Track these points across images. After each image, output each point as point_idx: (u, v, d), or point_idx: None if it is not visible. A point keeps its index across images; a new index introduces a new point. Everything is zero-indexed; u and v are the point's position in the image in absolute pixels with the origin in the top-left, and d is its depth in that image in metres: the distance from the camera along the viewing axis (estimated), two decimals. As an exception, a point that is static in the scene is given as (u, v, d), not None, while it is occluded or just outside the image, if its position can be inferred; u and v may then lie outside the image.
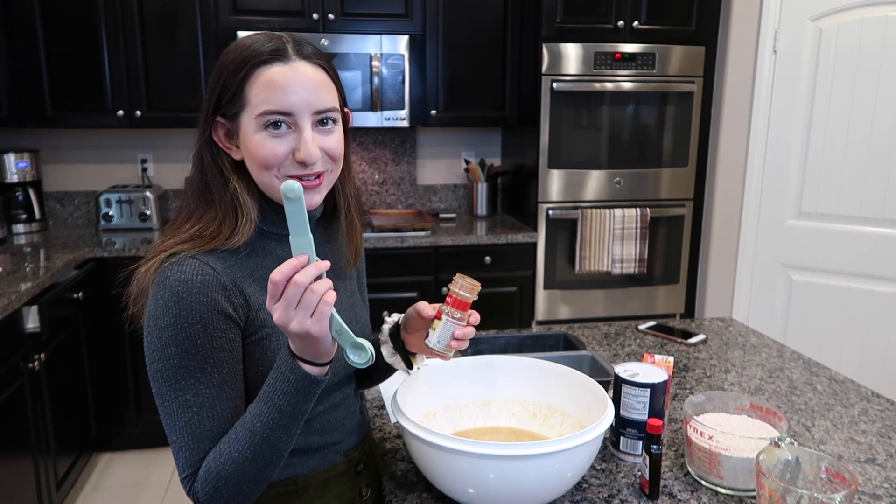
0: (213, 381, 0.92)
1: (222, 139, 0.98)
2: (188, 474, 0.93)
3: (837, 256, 2.94)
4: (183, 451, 0.92)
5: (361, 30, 3.14)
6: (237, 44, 0.98)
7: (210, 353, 0.92)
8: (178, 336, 0.90)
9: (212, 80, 0.97)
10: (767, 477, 0.94)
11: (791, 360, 1.69)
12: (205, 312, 0.91)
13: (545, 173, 3.16)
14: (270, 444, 0.91)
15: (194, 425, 0.92)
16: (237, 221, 0.96)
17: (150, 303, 0.93)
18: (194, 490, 0.93)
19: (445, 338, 1.02)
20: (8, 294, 2.15)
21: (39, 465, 2.31)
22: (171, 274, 0.92)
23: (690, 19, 3.14)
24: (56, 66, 2.95)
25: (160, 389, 0.93)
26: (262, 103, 0.92)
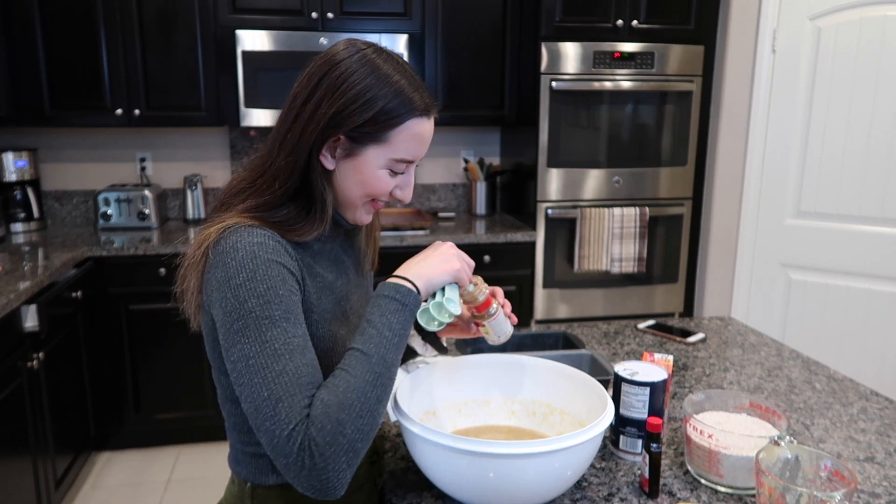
0: (299, 332, 0.91)
1: (327, 147, 0.98)
2: (296, 424, 0.85)
3: (836, 255, 2.94)
4: (283, 401, 0.85)
5: (360, 29, 3.14)
6: (384, 70, 0.96)
7: (291, 305, 0.92)
8: (258, 288, 0.90)
9: (349, 96, 0.94)
10: (767, 475, 0.94)
11: (790, 359, 1.69)
12: (282, 269, 0.93)
13: (544, 172, 3.16)
14: (386, 365, 0.91)
15: (291, 372, 0.87)
16: (315, 224, 1.00)
17: (218, 270, 0.92)
18: (309, 437, 0.85)
19: (501, 330, 1.14)
20: (6, 293, 2.14)
21: (38, 464, 2.31)
22: (241, 238, 0.93)
23: (689, 18, 3.14)
24: (55, 65, 2.95)
25: (242, 349, 0.88)
26: (405, 151, 0.99)
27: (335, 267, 1.09)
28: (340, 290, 1.08)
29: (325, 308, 1.03)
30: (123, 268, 2.87)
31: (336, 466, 0.85)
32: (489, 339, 1.14)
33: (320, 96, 0.95)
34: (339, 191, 1.02)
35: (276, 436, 0.85)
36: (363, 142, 0.97)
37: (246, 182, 1.02)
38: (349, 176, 1.00)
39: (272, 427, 0.85)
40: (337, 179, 1.01)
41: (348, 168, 1.00)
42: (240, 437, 1.05)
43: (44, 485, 2.34)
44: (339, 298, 1.07)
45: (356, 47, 0.99)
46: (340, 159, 0.99)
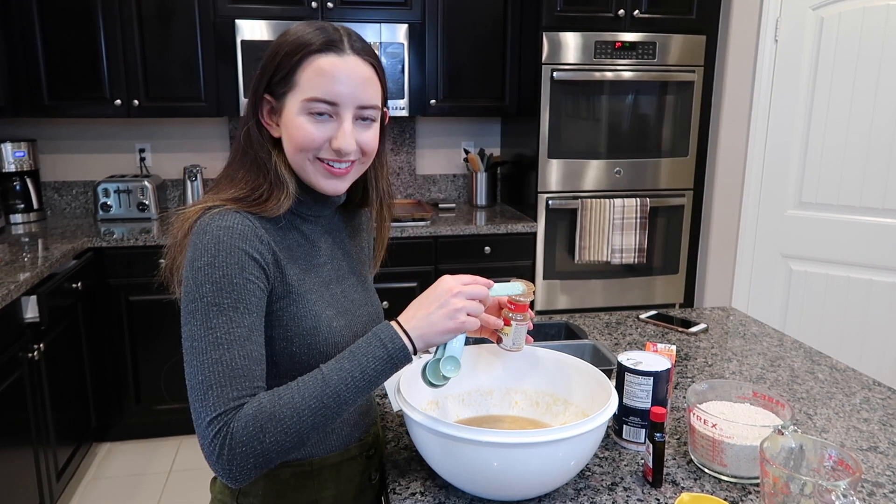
0: (245, 322, 0.93)
1: (265, 116, 1.02)
2: (220, 413, 0.89)
3: (837, 246, 2.94)
4: (213, 389, 0.89)
5: (360, 18, 3.12)
6: (296, 28, 1.01)
7: (244, 294, 0.94)
8: (215, 274, 0.92)
9: (266, 59, 1.01)
10: (771, 464, 0.94)
11: (792, 349, 1.69)
12: (242, 256, 0.95)
13: (545, 163, 3.15)
14: (338, 402, 0.92)
15: (226, 363, 0.90)
16: (280, 194, 1.01)
17: (190, 249, 0.96)
18: (230, 429, 0.88)
19: (520, 339, 1.13)
20: (7, 284, 2.14)
21: (39, 456, 2.31)
22: (212, 221, 0.96)
23: (691, 8, 3.13)
24: (53, 55, 2.93)
25: (190, 330, 0.92)
26: (311, 89, 0.98)
27: (327, 250, 1.11)
28: (329, 273, 1.09)
29: (309, 288, 1.04)
30: (123, 259, 2.86)
31: (242, 465, 0.89)
32: (505, 341, 1.14)
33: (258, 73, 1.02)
34: (288, 156, 1.03)
35: (201, 419, 0.90)
36: (282, 93, 1.00)
37: (227, 160, 1.07)
38: (284, 136, 1.02)
39: (199, 409, 0.90)
40: (284, 144, 1.03)
41: (283, 129, 1.02)
42: None
43: (45, 476, 2.34)
44: (328, 281, 1.09)
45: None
46: (278, 123, 1.02)
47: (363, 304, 1.15)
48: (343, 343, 1.06)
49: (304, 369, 1.03)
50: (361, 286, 1.17)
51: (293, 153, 1.01)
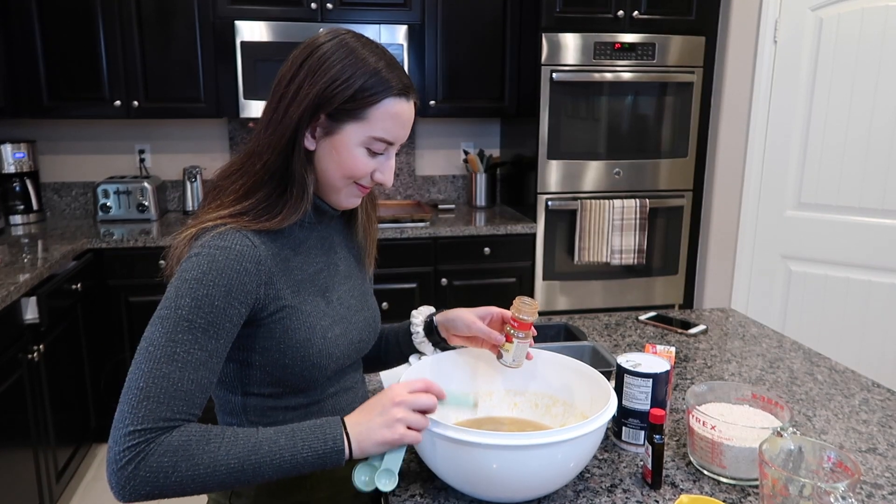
0: (208, 347, 0.92)
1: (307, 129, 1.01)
2: (144, 428, 0.86)
3: (836, 247, 2.94)
4: (149, 401, 0.86)
5: (359, 19, 3.12)
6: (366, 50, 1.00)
7: (220, 319, 0.93)
8: (199, 291, 0.92)
9: (331, 75, 0.98)
10: (771, 466, 0.94)
11: (791, 351, 1.69)
12: (233, 280, 0.94)
13: (544, 164, 3.15)
14: (256, 472, 0.90)
15: (173, 380, 0.88)
16: (295, 208, 1.01)
17: (184, 260, 0.95)
18: (147, 450, 0.85)
19: (520, 357, 1.16)
20: (6, 285, 2.14)
21: (39, 456, 2.31)
22: (211, 240, 0.95)
23: (690, 9, 3.13)
24: (53, 56, 2.93)
25: (153, 334, 0.91)
26: (382, 130, 1.01)
27: (321, 257, 1.10)
28: (325, 280, 1.09)
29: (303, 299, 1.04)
30: (123, 260, 2.86)
31: (138, 488, 0.86)
32: (505, 356, 1.15)
33: (302, 79, 0.99)
34: (319, 173, 1.04)
35: (123, 425, 0.86)
36: (342, 120, 0.99)
37: (236, 165, 1.04)
38: (328, 156, 1.02)
39: (126, 414, 0.86)
40: (318, 161, 1.03)
41: (328, 147, 1.01)
42: (224, 419, 1.09)
43: (45, 477, 2.34)
44: (324, 289, 1.08)
45: (336, 33, 1.03)
46: (320, 139, 1.01)
47: (359, 309, 1.15)
48: (337, 353, 1.06)
49: (297, 381, 1.03)
50: (358, 290, 1.17)
51: (337, 177, 1.03)
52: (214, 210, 1.01)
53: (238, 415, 1.07)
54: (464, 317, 1.18)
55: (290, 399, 1.07)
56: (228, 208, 0.99)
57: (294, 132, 0.99)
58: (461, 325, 1.18)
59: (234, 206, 0.99)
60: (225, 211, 0.99)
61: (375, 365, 1.31)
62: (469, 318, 1.18)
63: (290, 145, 0.99)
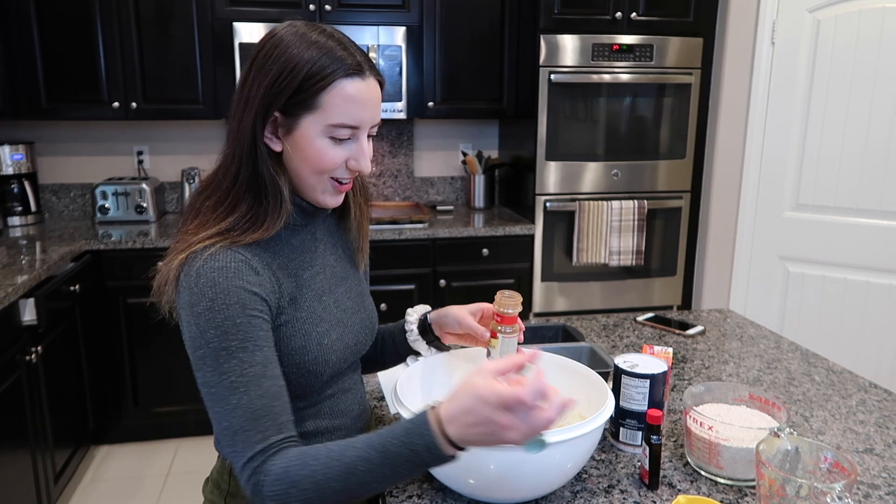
0: (256, 360, 0.91)
1: (267, 131, 0.97)
2: (249, 458, 0.88)
3: (834, 248, 2.94)
4: (239, 434, 0.89)
5: (358, 21, 3.12)
6: (306, 39, 0.95)
7: (250, 332, 0.92)
8: (216, 318, 0.90)
9: (275, 71, 0.94)
10: (767, 466, 0.94)
11: (789, 351, 1.69)
12: (241, 294, 0.92)
13: (543, 165, 3.15)
14: (363, 487, 0.88)
15: (245, 406, 0.89)
16: (277, 215, 0.98)
17: (184, 293, 0.93)
18: (259, 481, 0.87)
19: (508, 352, 1.11)
20: (4, 287, 2.14)
21: (37, 458, 2.30)
22: (204, 263, 0.93)
23: (688, 11, 3.14)
24: (51, 58, 2.93)
25: (204, 377, 0.91)
26: (338, 115, 0.95)
27: (317, 259, 1.08)
28: (321, 283, 1.07)
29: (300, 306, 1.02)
30: (121, 261, 2.86)
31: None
32: (493, 353, 1.13)
33: (252, 78, 0.96)
34: (292, 173, 1.00)
35: (236, 462, 0.90)
36: (296, 113, 0.95)
37: (208, 181, 1.01)
38: (294, 154, 0.98)
39: (230, 454, 0.90)
40: (287, 161, 0.99)
41: (291, 146, 0.97)
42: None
43: (43, 478, 2.34)
44: (320, 293, 1.07)
45: (285, 25, 0.98)
46: (283, 138, 0.98)
47: (356, 311, 1.13)
48: (334, 358, 1.05)
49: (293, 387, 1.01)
50: (355, 291, 1.15)
51: (309, 174, 0.99)
52: (198, 231, 0.97)
53: None
54: (455, 313, 1.17)
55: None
56: (213, 227, 0.97)
57: (253, 138, 0.96)
58: (452, 321, 1.17)
59: (219, 224, 0.96)
60: (211, 230, 0.96)
61: (373, 365, 1.30)
62: (460, 314, 1.16)
63: (252, 152, 0.96)
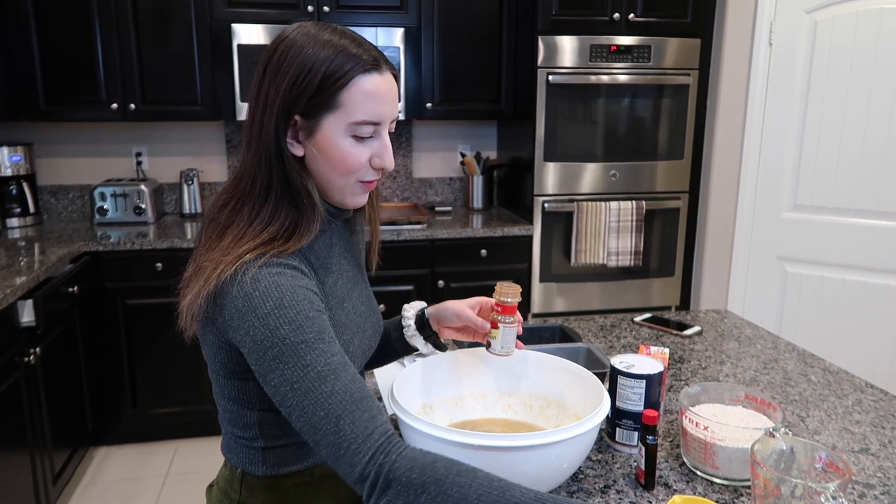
0: (336, 350, 0.88)
1: (289, 136, 0.95)
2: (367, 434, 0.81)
3: (832, 248, 2.95)
4: (343, 419, 0.82)
5: (356, 22, 3.13)
6: (321, 39, 0.93)
7: (323, 325, 0.89)
8: (288, 314, 0.87)
9: (292, 73, 0.91)
10: (762, 466, 0.95)
11: (786, 352, 1.70)
12: (306, 292, 0.91)
13: (541, 166, 3.16)
14: None
15: (340, 391, 0.84)
16: (313, 220, 0.96)
17: (239, 301, 0.88)
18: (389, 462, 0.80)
19: (509, 342, 1.14)
20: (3, 288, 2.14)
21: (36, 460, 2.31)
22: (259, 271, 0.90)
23: (686, 12, 3.14)
24: (49, 59, 2.94)
25: (283, 374, 0.85)
26: (359, 112, 0.93)
27: (336, 265, 1.07)
28: (342, 289, 1.07)
29: (335, 324, 1.01)
30: (120, 262, 2.87)
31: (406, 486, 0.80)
32: (494, 344, 1.14)
33: (267, 83, 0.94)
34: (317, 176, 0.98)
35: (346, 449, 0.82)
36: (317, 115, 0.93)
37: (230, 193, 0.99)
38: (318, 157, 0.96)
39: (335, 441, 0.83)
40: (310, 165, 0.97)
41: (315, 149, 0.95)
42: (234, 429, 1.05)
43: (41, 480, 2.34)
44: (342, 299, 1.06)
45: (295, 27, 0.96)
46: (305, 142, 0.96)
47: (368, 315, 1.13)
48: (356, 365, 1.03)
49: None
50: (365, 295, 1.15)
51: (334, 176, 0.97)
52: (234, 246, 0.93)
53: (251, 428, 1.03)
54: (454, 307, 1.17)
55: None
56: (256, 239, 0.93)
57: (277, 144, 0.93)
58: (451, 315, 1.17)
59: (261, 235, 0.93)
60: (256, 241, 0.93)
61: (370, 363, 1.30)
62: (459, 307, 1.16)
63: (278, 159, 0.94)
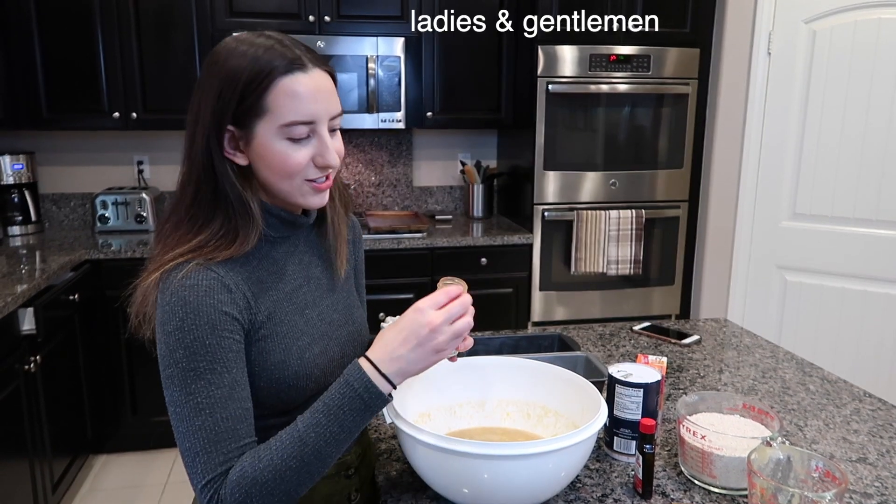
0: (224, 382, 0.92)
1: (226, 147, 0.96)
2: (209, 480, 0.89)
3: (831, 257, 2.95)
4: (200, 456, 0.90)
5: (357, 32, 3.14)
6: (239, 50, 0.95)
7: (219, 353, 0.92)
8: (186, 339, 0.90)
9: (216, 86, 0.93)
10: (759, 476, 0.95)
11: (784, 361, 1.70)
12: (212, 314, 0.92)
13: (541, 175, 3.17)
14: (320, 458, 0.91)
15: (209, 428, 0.90)
16: (249, 230, 0.97)
17: (158, 311, 0.94)
18: (220, 497, 0.89)
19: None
20: (3, 296, 2.14)
21: (35, 467, 2.31)
22: (176, 280, 0.92)
23: (685, 22, 3.16)
24: (52, 68, 2.95)
25: (171, 396, 0.92)
26: (287, 114, 0.93)
27: (300, 272, 1.07)
28: (304, 297, 1.06)
29: (280, 320, 1.01)
30: (121, 271, 2.87)
31: None
32: None
33: (198, 99, 0.96)
34: (263, 183, 0.99)
35: (194, 485, 0.90)
36: (247, 123, 0.94)
37: (173, 203, 1.01)
38: (259, 164, 0.97)
39: (191, 475, 0.91)
40: (256, 172, 0.98)
41: (254, 156, 0.96)
42: None
43: (41, 488, 2.34)
44: (302, 307, 1.05)
45: (228, 38, 0.98)
46: (246, 150, 0.97)
47: (342, 324, 1.12)
48: (316, 373, 1.03)
49: (275, 402, 1.01)
50: (342, 304, 1.14)
51: (278, 180, 0.98)
52: (168, 251, 0.96)
53: None
54: None
55: (273, 419, 1.01)
56: (184, 244, 0.96)
57: (209, 156, 0.95)
58: None
59: (190, 242, 0.96)
60: (183, 248, 0.95)
61: None
62: None
63: (210, 171, 0.95)
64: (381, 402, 0.93)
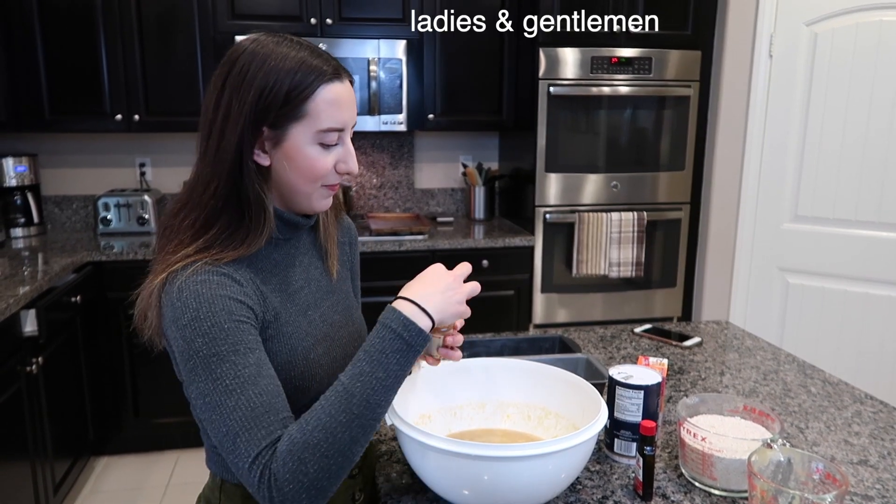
0: (250, 361, 0.90)
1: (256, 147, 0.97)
2: (255, 456, 0.86)
3: (833, 259, 2.94)
4: (241, 436, 0.86)
5: (359, 34, 3.15)
6: (280, 52, 0.95)
7: (239, 335, 0.91)
8: (202, 326, 0.89)
9: (258, 86, 0.93)
10: (759, 478, 0.95)
11: (786, 363, 1.70)
12: (227, 302, 0.92)
13: (542, 177, 3.17)
14: (369, 407, 0.88)
15: (244, 406, 0.87)
16: (259, 231, 0.98)
17: (167, 310, 0.92)
18: (271, 472, 0.85)
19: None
20: (6, 298, 2.15)
21: (37, 469, 2.31)
22: (188, 279, 0.92)
23: (687, 24, 3.16)
24: (54, 70, 2.96)
25: (198, 388, 0.89)
26: (326, 120, 0.96)
27: (301, 274, 1.08)
28: (306, 298, 1.07)
29: (286, 321, 1.02)
30: (123, 272, 2.88)
31: (296, 501, 0.86)
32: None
33: (228, 99, 0.95)
34: (283, 185, 1.00)
35: (240, 468, 0.87)
36: (285, 125, 0.95)
37: (183, 200, 1.00)
38: (285, 166, 0.98)
39: (235, 460, 0.88)
40: (276, 174, 0.99)
41: (282, 158, 0.98)
42: (207, 438, 1.08)
43: (42, 489, 2.34)
44: (305, 308, 1.06)
45: (250, 40, 0.98)
46: (271, 152, 0.98)
47: (343, 325, 1.13)
48: (320, 373, 1.04)
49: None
50: (342, 305, 1.15)
51: (302, 183, 0.99)
52: (176, 250, 0.96)
53: None
54: None
55: None
56: (191, 245, 0.95)
57: (238, 154, 0.95)
58: None
59: (197, 242, 0.96)
60: (189, 248, 0.95)
61: None
62: None
63: (236, 168, 0.96)
64: (423, 340, 0.93)
